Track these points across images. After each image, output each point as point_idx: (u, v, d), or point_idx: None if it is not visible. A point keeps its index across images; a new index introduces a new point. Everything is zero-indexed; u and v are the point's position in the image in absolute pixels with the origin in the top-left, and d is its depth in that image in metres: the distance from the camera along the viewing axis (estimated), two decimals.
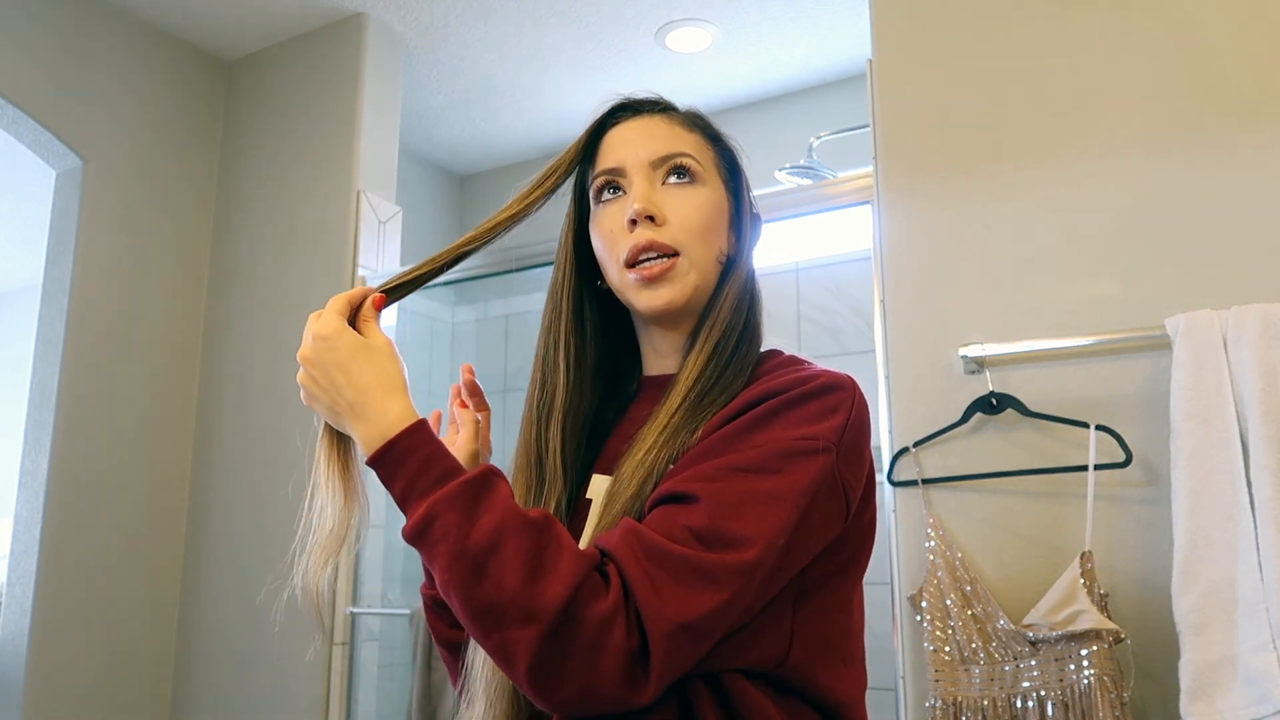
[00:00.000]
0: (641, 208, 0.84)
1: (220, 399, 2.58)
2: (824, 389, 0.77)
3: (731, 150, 0.93)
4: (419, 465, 0.70)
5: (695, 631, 0.65)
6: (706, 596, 0.65)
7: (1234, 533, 1.27)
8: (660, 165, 0.87)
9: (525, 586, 0.64)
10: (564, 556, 0.66)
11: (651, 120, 0.89)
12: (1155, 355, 1.43)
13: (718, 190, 0.89)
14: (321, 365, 0.75)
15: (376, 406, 0.73)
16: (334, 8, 2.55)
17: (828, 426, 0.74)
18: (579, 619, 0.63)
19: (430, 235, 3.44)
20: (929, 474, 1.57)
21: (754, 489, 0.70)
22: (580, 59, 2.78)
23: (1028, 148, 1.59)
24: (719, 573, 0.66)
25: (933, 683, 1.42)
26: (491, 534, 0.66)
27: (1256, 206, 1.43)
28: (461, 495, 0.68)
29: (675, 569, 0.65)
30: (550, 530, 0.68)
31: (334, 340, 0.75)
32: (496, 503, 0.68)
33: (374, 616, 2.36)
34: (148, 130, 2.57)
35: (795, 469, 0.71)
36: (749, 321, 0.87)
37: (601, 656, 0.63)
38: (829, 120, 2.68)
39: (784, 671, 0.74)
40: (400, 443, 0.71)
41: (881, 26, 1.75)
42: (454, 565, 0.66)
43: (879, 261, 1.68)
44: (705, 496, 0.69)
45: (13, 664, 2.25)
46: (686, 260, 0.85)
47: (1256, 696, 1.21)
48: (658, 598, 0.64)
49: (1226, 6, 1.50)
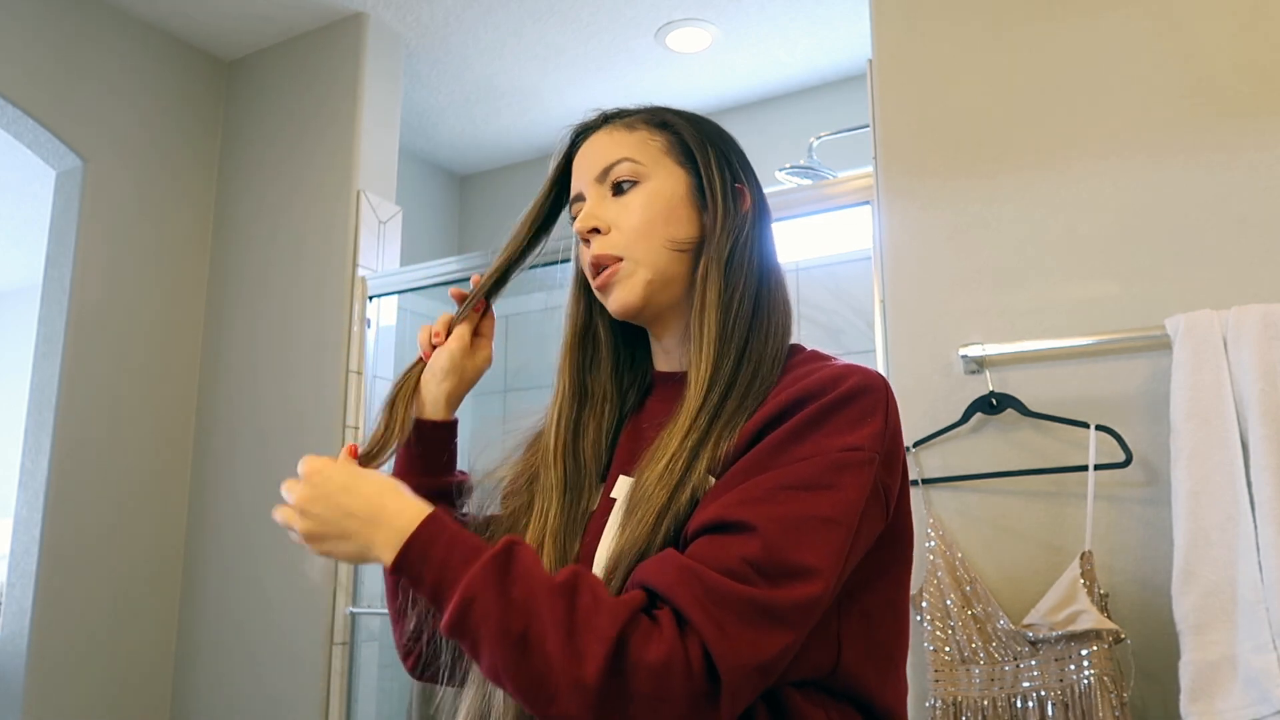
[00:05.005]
0: (579, 226, 0.88)
1: (220, 398, 2.58)
2: (859, 391, 0.75)
3: (684, 132, 0.90)
4: (446, 547, 0.69)
5: (767, 671, 0.65)
6: (777, 637, 0.64)
7: (1234, 533, 1.27)
8: (604, 179, 0.88)
9: (566, 652, 0.62)
10: (601, 611, 0.63)
11: (596, 137, 0.91)
12: (1155, 355, 1.43)
13: (667, 179, 0.88)
14: (324, 495, 0.75)
15: (392, 508, 0.73)
16: (334, 8, 2.55)
17: (869, 433, 0.73)
18: (629, 673, 0.61)
19: (430, 235, 3.44)
20: (929, 474, 1.57)
21: (809, 513, 0.68)
22: (580, 59, 2.78)
23: (1028, 148, 1.59)
24: (788, 613, 0.65)
25: (933, 683, 1.42)
26: (523, 605, 0.64)
27: (1257, 207, 1.43)
28: (492, 568, 0.66)
29: (743, 612, 0.63)
30: (581, 587, 0.66)
31: (325, 470, 0.77)
32: (521, 572, 0.66)
33: (374, 616, 2.36)
34: (148, 130, 2.57)
35: (845, 484, 0.70)
36: (758, 308, 0.84)
37: (662, 709, 0.61)
38: (829, 120, 2.68)
39: (835, 679, 0.74)
40: (424, 532, 0.70)
41: (881, 26, 1.75)
42: (499, 644, 0.64)
43: (879, 261, 1.68)
44: (760, 524, 0.67)
45: (13, 664, 2.25)
46: (630, 262, 0.86)
47: (1256, 696, 1.21)
48: (727, 642, 0.62)
49: (1226, 7, 1.50)
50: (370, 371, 2.42)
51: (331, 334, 2.41)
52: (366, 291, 2.44)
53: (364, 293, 2.44)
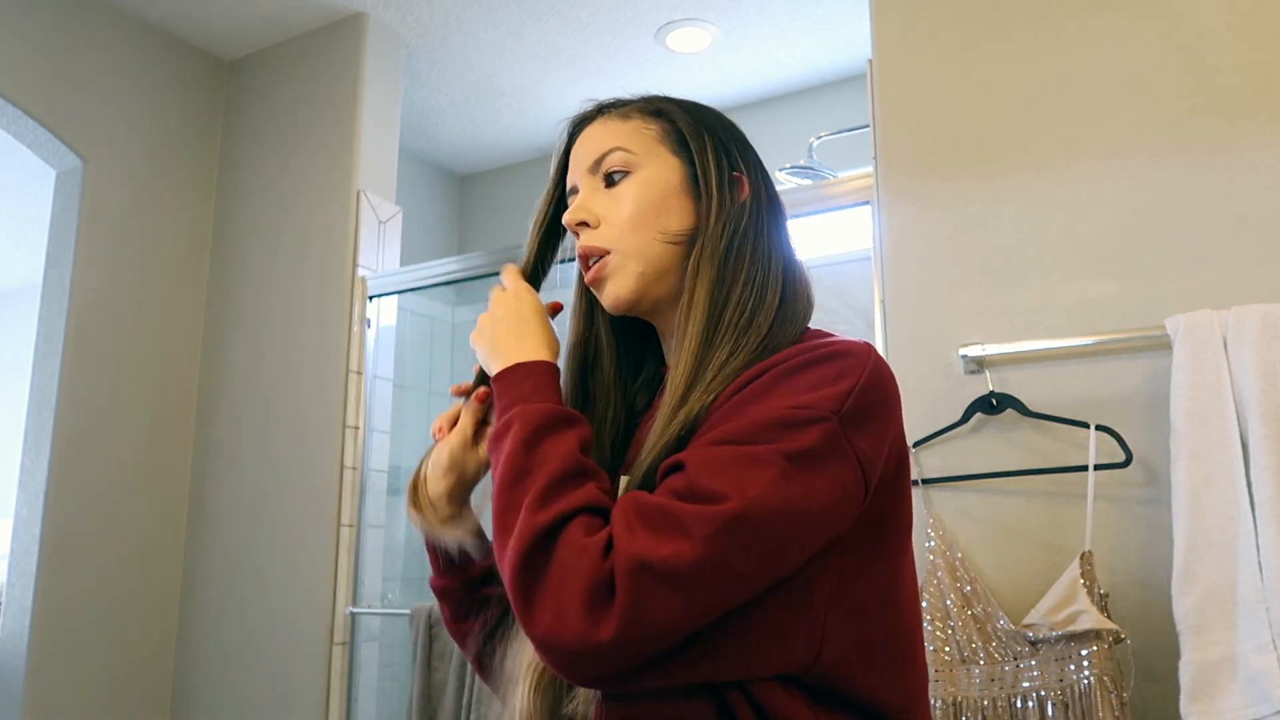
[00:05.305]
0: (568, 219, 0.87)
1: (220, 398, 2.58)
2: (828, 356, 0.73)
3: (678, 120, 0.88)
4: (528, 386, 0.79)
5: (659, 574, 0.63)
6: (674, 542, 0.64)
7: (1234, 533, 1.27)
8: (596, 170, 0.87)
9: (534, 504, 0.69)
10: (575, 496, 0.70)
11: (591, 128, 0.89)
12: (1155, 355, 1.43)
13: (661, 168, 0.85)
14: (510, 313, 0.87)
15: (529, 346, 0.83)
16: (334, 8, 2.55)
17: (826, 394, 0.70)
18: (559, 541, 0.67)
19: (430, 235, 3.44)
20: (929, 474, 1.57)
21: (736, 454, 0.68)
22: (580, 59, 2.78)
23: (1028, 148, 1.59)
24: (688, 520, 0.65)
25: (933, 683, 1.42)
26: (544, 456, 0.72)
27: (1257, 207, 1.43)
28: (551, 417, 0.75)
29: (649, 516, 0.66)
30: (586, 473, 0.72)
31: (525, 296, 0.88)
32: (567, 438, 0.74)
33: (374, 616, 2.36)
34: (148, 130, 2.57)
35: (783, 438, 0.68)
36: (761, 303, 0.80)
37: (568, 579, 0.65)
38: (829, 120, 2.68)
39: (816, 676, 0.71)
40: (534, 366, 0.81)
41: (881, 26, 1.75)
42: (508, 465, 0.73)
43: (879, 261, 1.68)
44: (690, 464, 0.69)
45: (13, 664, 2.25)
46: (619, 255, 0.84)
47: (1256, 696, 1.21)
48: (627, 535, 0.66)
49: (1226, 8, 1.50)
50: (370, 371, 2.42)
51: (331, 334, 2.41)
52: (366, 291, 2.44)
53: (364, 293, 2.44)
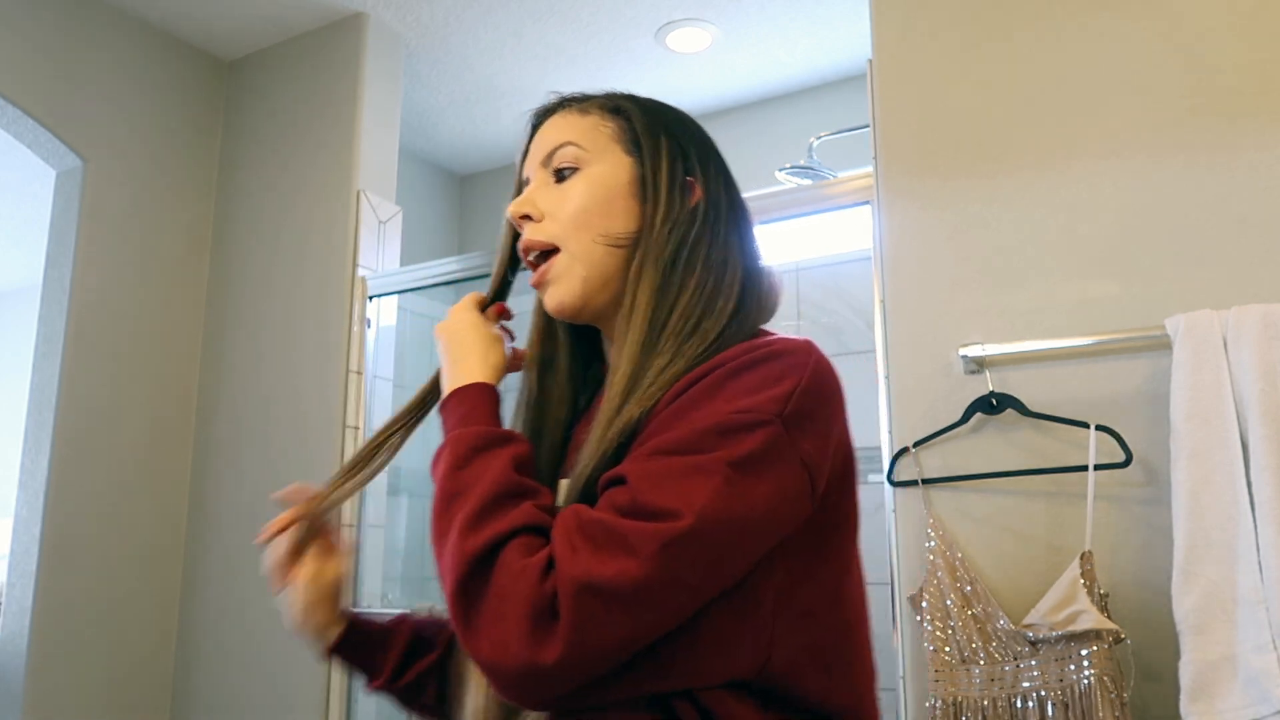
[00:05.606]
0: (513, 210, 0.84)
1: (220, 398, 2.58)
2: (767, 357, 0.71)
3: (635, 119, 0.85)
4: (461, 411, 0.79)
5: (604, 594, 0.62)
6: (619, 561, 0.62)
7: (1234, 533, 1.27)
8: (548, 164, 0.85)
9: (464, 527, 0.67)
10: (509, 515, 0.67)
11: (550, 121, 0.87)
12: (1155, 355, 1.43)
13: (610, 167, 0.83)
14: (459, 327, 0.89)
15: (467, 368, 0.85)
16: (334, 8, 2.55)
17: (768, 396, 0.68)
18: (495, 566, 0.65)
19: (430, 235, 3.44)
20: (929, 474, 1.57)
21: (681, 465, 0.66)
22: (580, 59, 2.78)
23: (1028, 147, 1.59)
24: (633, 537, 0.63)
25: (933, 683, 1.42)
26: (473, 478, 0.71)
27: (1257, 207, 1.43)
28: (480, 439, 0.74)
29: (593, 534, 0.64)
30: (522, 492, 0.70)
31: (468, 317, 0.89)
32: (498, 458, 0.72)
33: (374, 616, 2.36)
34: (148, 130, 2.57)
35: (726, 445, 0.66)
36: (710, 310, 0.77)
37: (508, 606, 0.63)
38: (829, 120, 2.68)
39: (765, 681, 0.69)
40: (466, 390, 0.81)
41: (881, 26, 1.75)
42: (440, 491, 0.72)
43: (879, 261, 1.68)
44: (632, 478, 0.66)
45: (13, 664, 2.25)
46: (566, 255, 0.81)
47: (1256, 696, 1.21)
48: (569, 555, 0.63)
49: (1226, 8, 1.50)
50: (370, 371, 2.42)
51: (331, 334, 2.41)
52: (366, 291, 2.44)
53: (364, 293, 2.44)
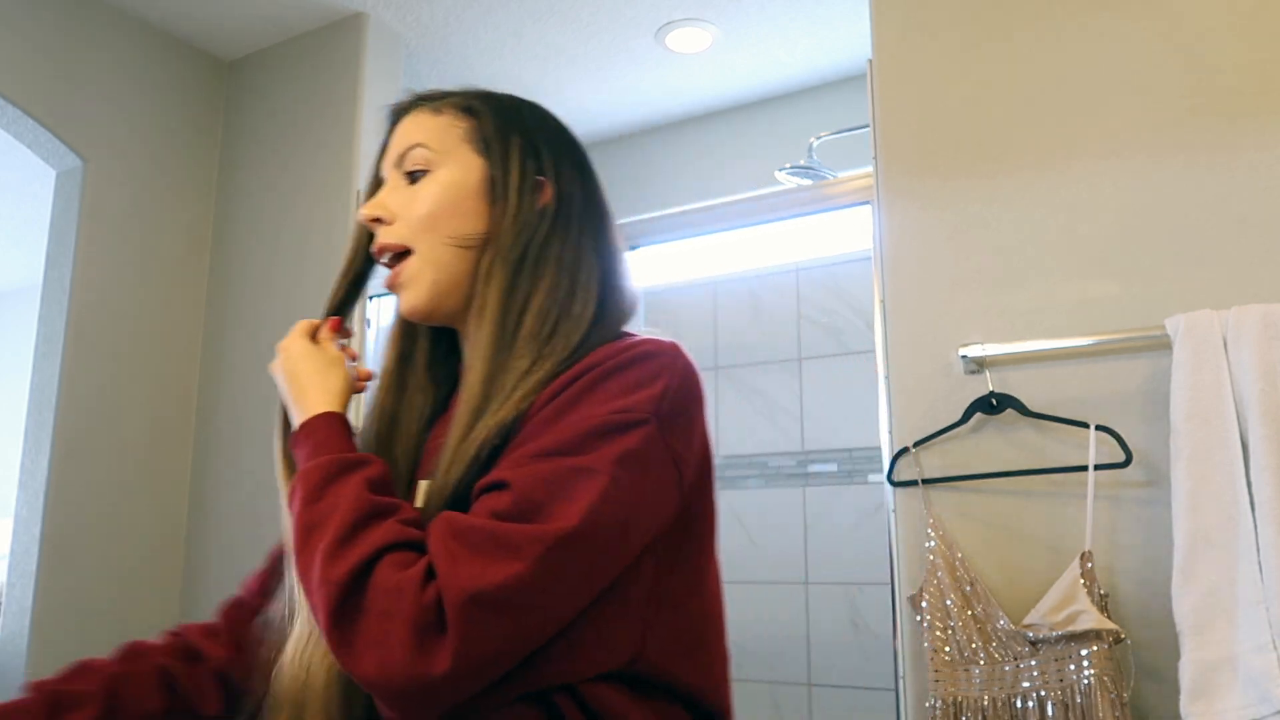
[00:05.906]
0: (364, 214, 0.84)
1: (220, 398, 2.58)
2: (639, 358, 0.72)
3: (485, 118, 0.85)
4: (308, 445, 0.78)
5: (492, 602, 0.61)
6: (503, 565, 0.62)
7: (1234, 533, 1.27)
8: (400, 165, 0.84)
9: (326, 554, 0.65)
10: (374, 533, 0.66)
11: (405, 120, 0.86)
12: (1155, 355, 1.43)
13: (459, 168, 0.82)
14: (293, 357, 0.90)
15: (311, 400, 0.84)
16: (334, 8, 2.55)
17: (644, 396, 0.70)
18: (368, 588, 0.63)
19: None
20: (929, 474, 1.57)
21: (563, 466, 0.66)
22: (580, 59, 2.78)
23: (1028, 147, 1.59)
24: (518, 541, 0.62)
25: (933, 683, 1.42)
26: (329, 507, 0.69)
27: (1257, 207, 1.43)
28: (330, 468, 0.72)
29: (476, 541, 0.63)
30: (381, 511, 0.68)
31: (298, 346, 0.90)
32: (350, 484, 0.70)
33: None
34: (148, 130, 2.57)
35: (608, 445, 0.67)
36: (566, 313, 0.77)
37: (390, 626, 0.61)
38: (829, 120, 2.68)
39: (639, 669, 0.71)
40: (310, 423, 0.80)
41: (881, 26, 1.75)
42: (296, 526, 0.70)
43: (879, 261, 1.68)
44: (514, 481, 0.66)
45: (13, 664, 2.25)
46: (417, 258, 0.82)
47: (1256, 696, 1.21)
48: (453, 566, 0.62)
49: (1226, 8, 1.50)
50: None
51: None
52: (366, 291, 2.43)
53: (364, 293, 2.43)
